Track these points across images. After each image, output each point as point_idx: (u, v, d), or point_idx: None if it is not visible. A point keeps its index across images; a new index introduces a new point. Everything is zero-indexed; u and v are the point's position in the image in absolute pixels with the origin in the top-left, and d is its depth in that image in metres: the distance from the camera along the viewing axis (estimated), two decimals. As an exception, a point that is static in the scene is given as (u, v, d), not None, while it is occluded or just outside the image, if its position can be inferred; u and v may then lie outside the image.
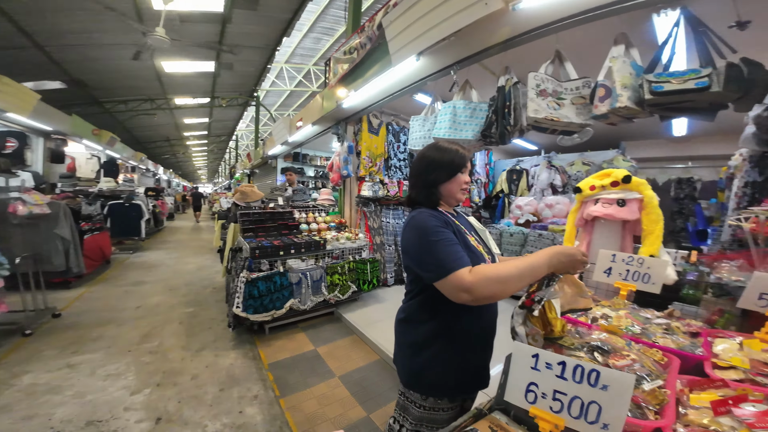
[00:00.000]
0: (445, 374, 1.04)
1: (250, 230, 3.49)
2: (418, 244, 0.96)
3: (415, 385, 1.08)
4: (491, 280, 0.84)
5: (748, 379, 0.81)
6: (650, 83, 1.57)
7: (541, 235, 3.97)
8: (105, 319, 3.47)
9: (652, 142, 5.12)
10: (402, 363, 1.13)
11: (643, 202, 1.55)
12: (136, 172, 11.67)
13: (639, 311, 1.25)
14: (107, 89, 8.74)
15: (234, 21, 6.09)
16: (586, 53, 2.14)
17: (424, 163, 1.12)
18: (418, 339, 1.06)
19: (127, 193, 7.18)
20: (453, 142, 1.16)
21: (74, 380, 2.35)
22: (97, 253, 5.25)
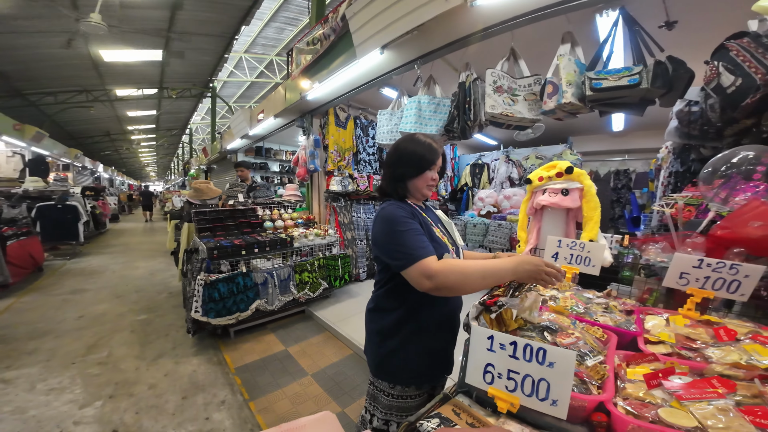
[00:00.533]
0: (411, 361, 1.08)
1: (206, 229, 3.28)
2: (386, 235, 1.00)
3: (383, 374, 1.12)
4: (455, 272, 0.89)
5: (675, 353, 0.89)
6: (591, 80, 1.72)
7: (501, 225, 4.20)
8: (41, 331, 3.11)
9: (595, 136, 5.62)
10: (370, 351, 1.17)
11: (584, 191, 1.71)
12: (70, 171, 10.41)
13: (582, 292, 1.38)
14: (32, 80, 7.64)
15: (185, 7, 5.59)
16: (537, 51, 2.27)
17: (396, 156, 1.14)
18: (386, 327, 1.10)
19: (59, 193, 6.38)
20: (428, 136, 1.17)
21: (11, 396, 2.12)
22: (25, 260, 4.63)
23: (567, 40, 1.98)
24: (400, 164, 1.12)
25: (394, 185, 1.14)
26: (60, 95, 8.77)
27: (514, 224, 4.18)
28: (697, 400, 0.65)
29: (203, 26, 6.41)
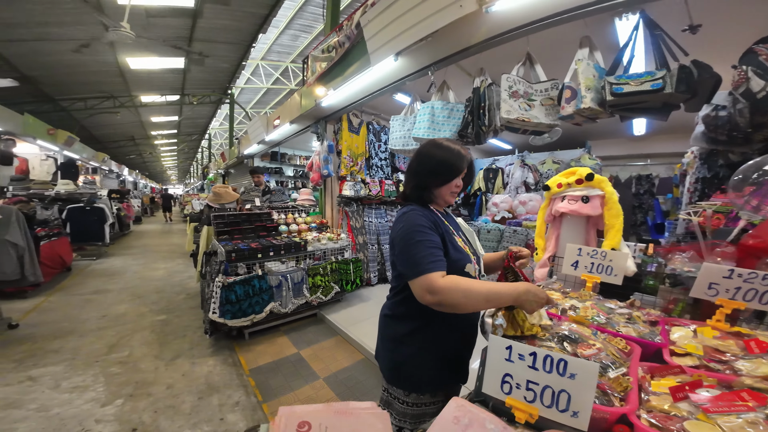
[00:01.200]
0: (427, 369, 1.07)
1: (225, 233, 3.37)
2: (402, 240, 0.99)
3: (398, 381, 1.10)
4: (459, 290, 0.88)
5: (702, 365, 0.85)
6: (611, 85, 1.68)
7: (516, 231, 4.13)
8: (66, 330, 3.24)
9: (614, 140, 5.46)
10: (384, 357, 1.15)
11: (605, 198, 1.66)
12: (98, 174, 10.94)
13: (604, 302, 1.33)
14: (63, 86, 8.10)
15: (205, 16, 5.83)
16: (555, 55, 2.24)
17: (423, 163, 1.12)
18: (401, 334, 1.09)
19: (87, 196, 6.70)
20: (455, 142, 1.15)
21: (37, 393, 2.21)
22: (55, 260, 4.88)
23: (585, 45, 1.95)
24: (428, 172, 1.10)
25: (419, 192, 1.11)
26: (89, 101, 9.26)
27: (530, 230, 4.10)
28: (725, 413, 0.62)
29: (222, 34, 6.66)
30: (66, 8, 4.88)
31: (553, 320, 1.10)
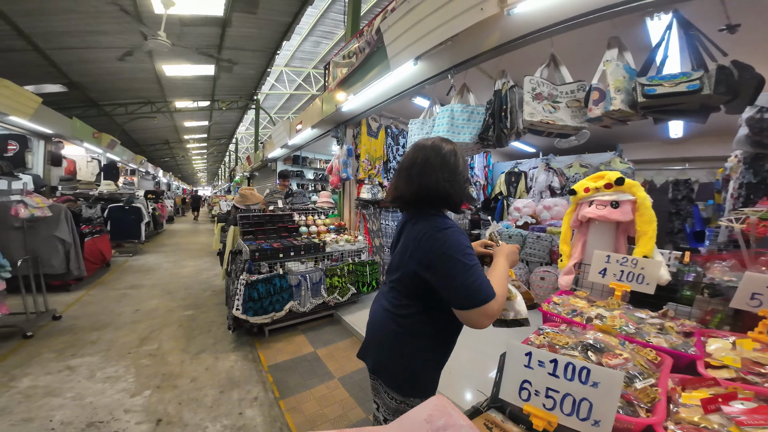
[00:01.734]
0: (437, 377, 1.08)
1: (249, 233, 3.50)
2: (447, 263, 0.89)
3: (418, 392, 1.04)
4: (501, 303, 0.91)
5: (739, 378, 0.82)
6: (643, 86, 1.60)
7: (540, 237, 3.99)
8: (103, 323, 3.48)
9: (648, 143, 5.16)
10: (402, 372, 1.05)
11: (636, 204, 1.57)
12: (136, 175, 11.69)
13: (633, 311, 1.26)
14: (106, 92, 8.78)
15: (234, 24, 6.13)
16: (580, 57, 2.17)
17: (457, 159, 1.00)
18: (422, 349, 1.04)
19: (127, 196, 7.20)
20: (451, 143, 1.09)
21: (73, 382, 2.36)
22: (97, 256, 5.26)
23: (614, 45, 1.88)
24: (458, 171, 1.00)
25: (464, 193, 1.02)
26: (129, 106, 9.97)
27: (555, 237, 3.95)
28: (760, 427, 0.59)
29: (249, 42, 6.97)
30: (109, 18, 5.31)
31: (577, 329, 1.06)
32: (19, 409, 2.04)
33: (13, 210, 3.07)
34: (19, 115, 4.70)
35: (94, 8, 5.01)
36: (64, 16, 5.15)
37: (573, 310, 1.31)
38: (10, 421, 1.93)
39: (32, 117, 5.01)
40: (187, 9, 5.34)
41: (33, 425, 1.91)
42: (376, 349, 1.11)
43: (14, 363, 2.57)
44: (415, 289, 1.01)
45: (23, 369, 2.49)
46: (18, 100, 4.59)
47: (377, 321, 1.12)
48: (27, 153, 5.45)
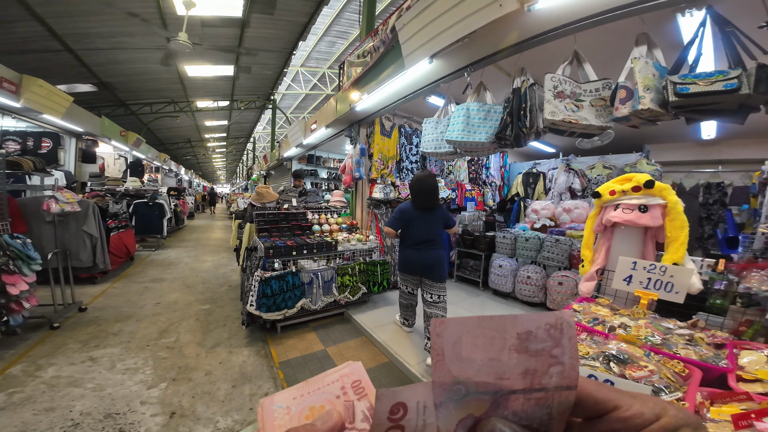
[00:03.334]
0: None
1: (265, 230, 3.56)
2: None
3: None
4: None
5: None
6: (675, 85, 1.51)
7: (558, 241, 3.85)
8: (126, 315, 3.61)
9: (678, 145, 4.90)
10: (444, 266, 2.72)
11: (667, 208, 1.48)
12: (159, 173, 12.14)
13: (660, 321, 1.19)
14: (133, 92, 9.17)
15: (252, 25, 6.26)
16: (605, 53, 2.08)
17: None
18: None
19: (151, 192, 7.49)
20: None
21: (95, 373, 2.45)
22: (121, 250, 5.49)
23: (642, 42, 1.78)
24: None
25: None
26: (154, 106, 10.39)
27: (574, 240, 3.81)
28: None
29: (267, 42, 7.11)
30: (135, 20, 5.54)
31: (598, 338, 1.00)
32: (43, 398, 2.13)
33: (45, 205, 3.24)
34: (52, 113, 4.94)
35: (122, 11, 5.24)
36: (94, 18, 5.41)
37: (594, 319, 1.25)
38: (33, 410, 2.01)
39: (64, 115, 5.26)
40: (207, 10, 5.49)
41: (54, 414, 1.98)
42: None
43: (41, 353, 2.69)
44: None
45: (49, 359, 2.60)
46: (51, 99, 4.83)
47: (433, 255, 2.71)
48: (59, 150, 5.77)
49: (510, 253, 4.36)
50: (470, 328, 0.24)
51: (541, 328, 0.25)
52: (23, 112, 4.74)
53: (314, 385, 0.36)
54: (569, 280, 3.54)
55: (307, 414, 0.33)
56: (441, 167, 5.64)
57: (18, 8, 4.75)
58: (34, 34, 5.53)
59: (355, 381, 0.36)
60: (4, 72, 4.01)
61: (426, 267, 2.66)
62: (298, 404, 0.34)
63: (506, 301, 4.22)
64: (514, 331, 0.24)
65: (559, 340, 0.25)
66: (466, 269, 5.00)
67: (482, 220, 5.64)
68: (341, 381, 0.36)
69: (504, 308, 3.98)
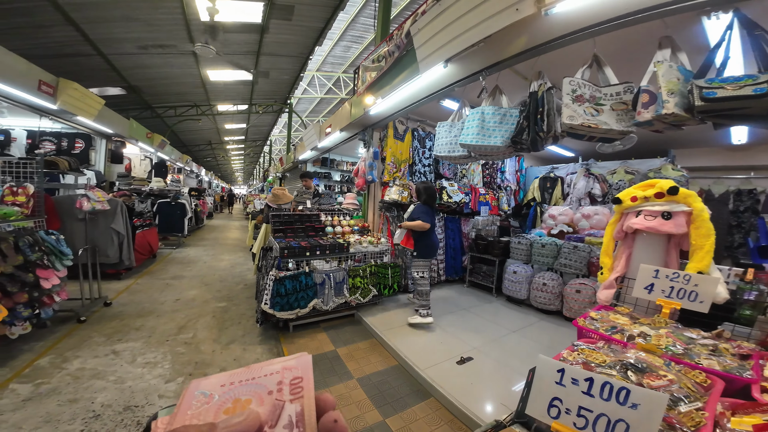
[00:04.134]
0: None
1: (280, 231, 3.65)
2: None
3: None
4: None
5: None
6: (701, 89, 1.46)
7: (577, 247, 3.75)
8: (147, 310, 3.76)
9: (705, 150, 4.69)
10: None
11: (692, 216, 1.42)
12: (182, 173, 12.63)
13: (683, 331, 1.15)
14: (159, 95, 9.59)
15: (271, 31, 6.45)
16: (625, 57, 2.03)
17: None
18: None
19: (173, 192, 7.80)
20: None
21: (117, 366, 2.55)
22: (145, 247, 5.72)
23: (666, 45, 1.73)
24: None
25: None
26: (178, 109, 10.82)
27: (594, 247, 3.70)
28: None
29: (284, 48, 7.30)
30: (161, 25, 5.80)
31: (616, 347, 0.98)
32: (67, 390, 2.23)
33: (78, 203, 3.44)
34: (85, 115, 5.23)
35: (150, 16, 5.52)
36: (122, 23, 5.72)
37: (613, 327, 1.21)
38: (58, 401, 2.10)
39: (96, 117, 5.55)
40: (228, 17, 5.71)
41: (77, 406, 2.07)
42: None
43: (69, 345, 2.83)
44: None
45: (75, 351, 2.73)
46: (85, 102, 5.10)
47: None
48: (91, 151, 6.10)
49: (525, 259, 4.28)
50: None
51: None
52: (59, 113, 5.00)
53: (250, 374, 0.33)
54: (587, 288, 3.43)
55: (229, 407, 0.30)
56: (454, 171, 5.60)
57: (55, 13, 5.04)
58: (69, 39, 5.87)
59: (295, 378, 0.33)
60: (42, 75, 4.24)
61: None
62: (224, 393, 0.31)
63: (521, 308, 4.13)
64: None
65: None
66: (478, 275, 4.93)
67: (496, 225, 5.56)
68: (281, 374, 0.33)
69: (518, 315, 3.90)
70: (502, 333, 3.33)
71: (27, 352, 2.65)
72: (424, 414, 2.15)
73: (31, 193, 2.85)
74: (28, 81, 3.99)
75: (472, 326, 3.48)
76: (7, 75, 3.68)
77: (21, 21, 5.12)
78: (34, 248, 2.67)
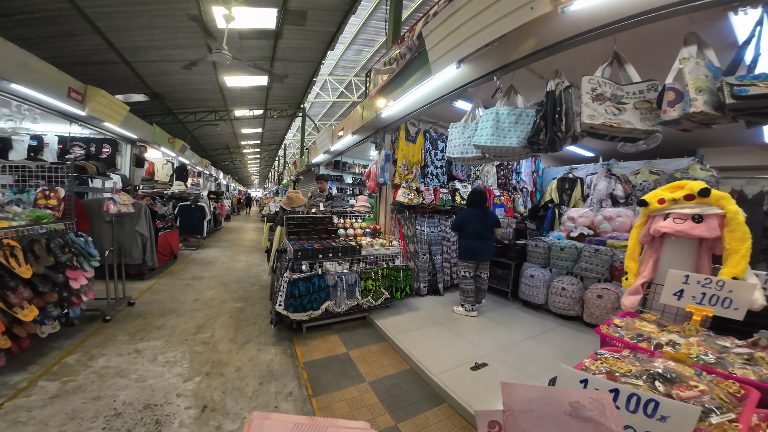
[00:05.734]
0: None
1: (294, 233, 3.70)
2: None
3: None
4: None
5: None
6: (732, 86, 1.38)
7: (598, 251, 3.61)
8: (168, 310, 3.88)
9: (737, 149, 4.43)
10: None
11: (726, 218, 1.34)
12: (201, 177, 13.05)
13: (715, 339, 1.08)
14: (180, 101, 9.97)
15: (285, 36, 6.59)
16: (646, 54, 1.95)
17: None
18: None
19: (193, 195, 8.06)
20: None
21: (139, 365, 2.62)
22: (167, 249, 5.93)
23: (692, 42, 1.66)
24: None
25: None
26: (198, 114, 11.22)
27: (617, 251, 3.55)
28: None
29: (298, 53, 7.46)
30: (181, 33, 6.04)
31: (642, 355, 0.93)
32: (92, 387, 2.30)
33: (105, 206, 3.61)
34: (111, 121, 5.48)
35: (171, 24, 5.74)
36: (146, 31, 5.98)
37: (639, 335, 1.15)
38: (82, 398, 2.17)
39: (122, 123, 5.81)
40: (244, 23, 5.87)
41: (100, 404, 2.13)
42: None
43: (94, 344, 2.93)
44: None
45: (101, 350, 2.83)
46: (111, 108, 5.35)
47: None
48: (117, 155, 6.39)
49: (543, 262, 4.15)
50: (531, 393, 0.32)
51: (585, 399, 0.31)
52: (87, 119, 5.26)
53: (316, 427, 0.34)
54: (610, 293, 3.29)
55: None
56: (467, 172, 5.53)
57: (83, 22, 5.32)
58: (96, 47, 6.18)
59: None
60: (72, 82, 4.44)
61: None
62: None
63: (538, 313, 4.01)
64: (566, 400, 0.31)
65: (603, 411, 0.31)
66: (494, 278, 4.82)
67: (512, 227, 5.43)
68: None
69: (535, 320, 3.78)
70: (518, 339, 3.23)
71: (56, 350, 2.76)
72: (437, 420, 2.11)
73: (63, 196, 3.00)
74: (59, 88, 4.21)
75: (487, 331, 3.40)
76: (39, 83, 3.90)
77: (52, 30, 5.42)
78: (64, 250, 2.81)
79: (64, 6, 4.88)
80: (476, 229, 3.71)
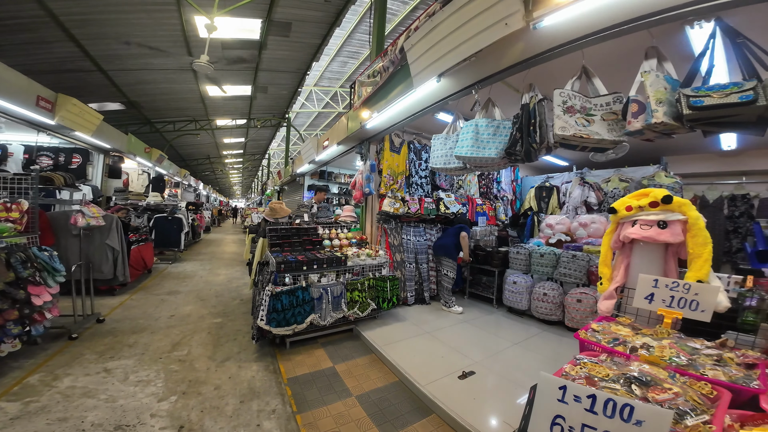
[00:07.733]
0: None
1: (277, 245, 3.61)
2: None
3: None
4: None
5: None
6: (688, 98, 1.49)
7: (575, 256, 3.74)
8: (141, 327, 3.67)
9: (698, 156, 4.75)
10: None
11: (688, 224, 1.43)
12: (179, 188, 12.61)
13: (686, 341, 1.13)
14: (158, 110, 9.70)
15: (269, 47, 6.60)
16: (613, 68, 2.08)
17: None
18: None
19: (171, 207, 7.76)
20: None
21: (108, 384, 2.47)
22: (140, 263, 5.64)
23: (652, 55, 1.78)
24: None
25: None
26: (177, 124, 10.92)
27: (592, 256, 3.69)
28: None
29: (282, 63, 7.47)
30: (161, 42, 5.92)
31: (619, 359, 0.96)
32: (57, 408, 2.14)
33: (73, 219, 3.41)
34: (83, 130, 5.23)
35: (150, 33, 5.62)
36: (124, 39, 5.81)
37: (615, 339, 1.19)
38: (47, 420, 2.02)
39: (94, 133, 5.55)
40: (227, 33, 5.83)
41: (67, 425, 1.99)
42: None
43: (59, 363, 2.74)
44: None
45: (66, 369, 2.65)
46: (83, 117, 5.11)
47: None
48: (88, 166, 6.10)
49: (524, 269, 4.25)
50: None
51: None
52: (57, 129, 5.01)
53: None
54: (588, 297, 3.40)
55: None
56: (450, 182, 5.64)
57: (56, 30, 5.13)
58: (70, 55, 5.95)
59: None
60: (41, 90, 4.25)
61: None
62: None
63: (522, 319, 4.07)
64: None
65: None
66: (479, 286, 4.89)
67: (494, 235, 5.55)
68: None
69: (520, 326, 3.83)
70: (504, 345, 3.26)
71: (16, 369, 2.57)
72: (426, 431, 2.08)
73: (26, 209, 2.82)
74: (27, 96, 4.01)
75: (474, 339, 3.41)
76: (5, 90, 3.70)
77: (23, 37, 5.20)
78: (26, 265, 2.63)
79: (38, 13, 4.70)
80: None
